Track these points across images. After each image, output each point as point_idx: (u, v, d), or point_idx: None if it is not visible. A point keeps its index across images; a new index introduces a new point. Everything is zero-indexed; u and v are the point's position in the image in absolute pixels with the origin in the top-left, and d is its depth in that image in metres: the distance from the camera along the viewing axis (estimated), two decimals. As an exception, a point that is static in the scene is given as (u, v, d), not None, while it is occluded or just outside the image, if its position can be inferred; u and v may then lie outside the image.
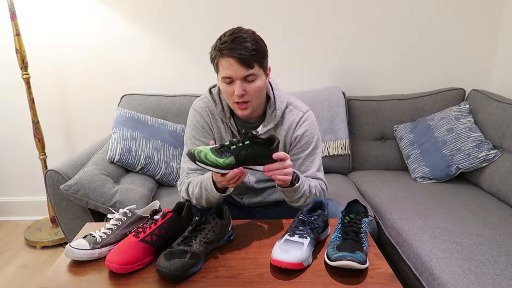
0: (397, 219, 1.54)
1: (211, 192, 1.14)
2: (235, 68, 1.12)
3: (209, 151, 0.99)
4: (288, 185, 1.13)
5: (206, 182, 1.15)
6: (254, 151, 1.02)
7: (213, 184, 1.13)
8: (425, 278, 1.25)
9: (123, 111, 1.96)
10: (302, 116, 1.30)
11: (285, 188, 1.14)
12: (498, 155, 1.77)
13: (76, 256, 1.00)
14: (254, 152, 1.02)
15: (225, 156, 0.99)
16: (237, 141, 1.02)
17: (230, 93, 1.17)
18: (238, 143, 1.01)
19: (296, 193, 1.16)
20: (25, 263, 2.04)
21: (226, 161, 0.98)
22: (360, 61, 2.25)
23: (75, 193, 1.48)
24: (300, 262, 0.95)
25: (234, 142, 1.02)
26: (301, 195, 1.17)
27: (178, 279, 0.93)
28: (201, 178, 1.19)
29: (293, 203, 1.21)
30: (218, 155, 0.99)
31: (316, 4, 2.15)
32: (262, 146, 1.04)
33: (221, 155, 0.99)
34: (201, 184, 1.17)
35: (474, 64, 2.24)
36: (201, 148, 1.00)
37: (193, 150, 0.99)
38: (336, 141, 2.04)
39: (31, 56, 2.10)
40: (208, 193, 1.15)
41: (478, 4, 2.14)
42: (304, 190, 1.18)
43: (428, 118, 2.05)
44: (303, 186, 1.17)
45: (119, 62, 2.24)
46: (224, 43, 1.12)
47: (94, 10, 2.15)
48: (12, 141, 2.38)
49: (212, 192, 1.14)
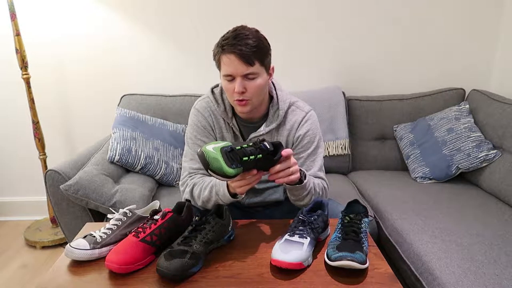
0: (397, 219, 1.54)
1: (222, 197, 1.14)
2: (236, 65, 1.12)
3: (220, 157, 0.94)
4: (297, 182, 1.13)
5: (219, 187, 1.15)
6: (262, 162, 1.02)
7: (226, 189, 1.12)
8: (425, 278, 1.24)
9: (123, 111, 1.96)
10: (305, 116, 1.30)
11: (293, 186, 1.14)
12: (498, 155, 1.77)
13: (76, 256, 1.00)
14: (264, 163, 1.02)
15: (235, 166, 0.95)
16: (250, 152, 0.98)
17: (231, 90, 1.17)
18: (251, 155, 0.98)
19: (304, 190, 1.16)
20: (25, 263, 2.04)
21: (236, 171, 0.96)
22: (360, 61, 2.25)
23: (75, 193, 1.48)
24: (300, 262, 0.95)
25: (248, 152, 0.98)
26: (308, 192, 1.18)
27: (178, 279, 0.93)
28: (212, 182, 1.19)
29: (298, 202, 1.21)
30: (229, 163, 0.94)
31: (316, 4, 2.15)
32: (271, 157, 1.03)
33: (231, 164, 0.95)
34: (212, 188, 1.17)
35: (474, 64, 2.24)
36: (212, 149, 0.95)
37: (208, 156, 0.94)
38: (336, 141, 2.04)
39: (31, 56, 2.10)
40: (218, 198, 1.16)
41: (478, 4, 2.14)
42: (311, 187, 1.18)
43: (428, 118, 2.05)
44: (309, 184, 1.18)
45: (119, 62, 2.24)
46: (226, 39, 1.13)
47: (94, 10, 2.15)
48: (12, 141, 2.38)
49: (224, 198, 1.14)
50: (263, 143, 1.02)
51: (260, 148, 1.00)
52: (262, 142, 1.02)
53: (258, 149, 1.00)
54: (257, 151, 0.99)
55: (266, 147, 1.01)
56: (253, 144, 1.00)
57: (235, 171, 0.95)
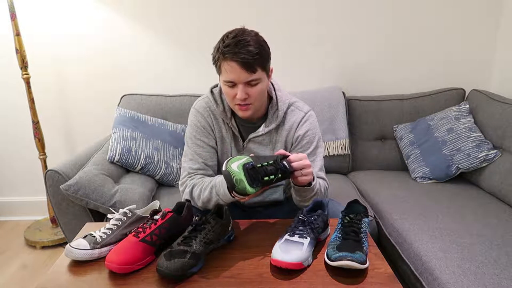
0: (397, 219, 1.54)
1: (223, 197, 1.14)
2: (238, 73, 1.12)
3: (243, 176, 0.96)
4: (306, 184, 1.13)
5: (219, 188, 1.14)
6: (279, 179, 1.04)
7: (227, 189, 1.12)
8: (425, 278, 1.25)
9: (123, 111, 1.96)
10: (304, 116, 1.30)
11: (302, 187, 1.15)
12: (498, 155, 1.77)
13: (76, 256, 1.00)
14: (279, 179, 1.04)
15: (256, 186, 0.98)
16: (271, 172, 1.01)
17: (232, 95, 1.17)
18: (271, 174, 1.01)
19: (311, 191, 1.17)
20: (25, 263, 2.04)
21: (255, 190, 0.99)
22: (360, 61, 2.25)
23: (75, 193, 1.48)
24: (300, 262, 0.95)
25: (268, 172, 1.00)
26: (314, 193, 1.18)
27: (178, 279, 0.93)
28: (212, 183, 1.18)
29: (303, 203, 1.21)
30: (250, 183, 0.97)
31: (316, 4, 2.15)
32: (288, 174, 1.06)
33: (253, 183, 0.97)
34: (212, 189, 1.17)
35: (474, 64, 2.24)
36: (236, 169, 0.97)
37: (234, 178, 0.96)
38: (336, 141, 2.04)
39: (31, 56, 2.10)
40: (219, 198, 1.15)
41: (478, 4, 2.14)
42: (317, 188, 1.19)
43: (428, 118, 2.05)
44: (316, 186, 1.18)
45: (119, 62, 2.24)
46: (227, 46, 1.11)
47: (94, 10, 2.15)
48: (12, 141, 2.38)
49: (225, 198, 1.14)
50: (282, 162, 1.05)
51: (279, 168, 1.03)
52: (281, 162, 1.05)
53: (279, 169, 1.03)
54: (277, 171, 1.02)
55: (285, 167, 1.04)
56: (273, 163, 1.03)
57: (255, 190, 0.99)
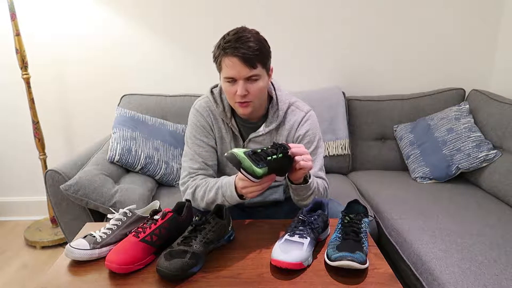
0: (397, 219, 1.54)
1: (230, 199, 1.14)
2: (238, 68, 1.12)
3: (245, 159, 0.97)
4: (302, 182, 1.14)
5: (226, 189, 1.14)
6: (282, 162, 1.03)
7: (234, 191, 1.12)
8: (425, 278, 1.25)
9: (123, 111, 1.96)
10: (304, 116, 1.30)
11: (298, 185, 1.15)
12: (498, 155, 1.77)
13: (76, 256, 1.00)
14: (281, 163, 1.04)
15: (261, 165, 0.98)
16: (272, 152, 1.01)
17: (232, 92, 1.17)
18: (273, 154, 1.01)
19: (308, 190, 1.17)
20: (25, 263, 2.04)
21: (263, 171, 0.98)
22: (360, 61, 2.25)
23: (75, 193, 1.48)
24: (300, 262, 0.95)
25: (269, 153, 1.01)
26: (312, 192, 1.18)
27: (178, 279, 0.93)
28: (218, 184, 1.18)
29: (302, 202, 1.21)
30: (255, 164, 0.97)
31: (316, 4, 2.15)
32: (288, 158, 1.05)
33: (258, 164, 0.98)
34: (218, 190, 1.17)
35: (474, 64, 2.24)
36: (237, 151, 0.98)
37: (238, 156, 0.96)
38: (336, 141, 2.04)
39: (31, 56, 2.10)
40: (225, 199, 1.15)
41: (478, 4, 2.14)
42: (315, 187, 1.19)
43: (428, 118, 2.05)
44: (313, 184, 1.18)
45: (119, 62, 2.24)
46: (228, 42, 1.12)
47: (94, 10, 2.15)
48: (12, 141, 2.38)
49: (232, 199, 1.14)
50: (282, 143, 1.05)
51: (279, 147, 1.03)
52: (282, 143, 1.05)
53: (278, 148, 1.02)
54: (277, 150, 1.02)
55: (284, 147, 1.04)
56: (271, 146, 1.04)
57: (262, 170, 0.98)
